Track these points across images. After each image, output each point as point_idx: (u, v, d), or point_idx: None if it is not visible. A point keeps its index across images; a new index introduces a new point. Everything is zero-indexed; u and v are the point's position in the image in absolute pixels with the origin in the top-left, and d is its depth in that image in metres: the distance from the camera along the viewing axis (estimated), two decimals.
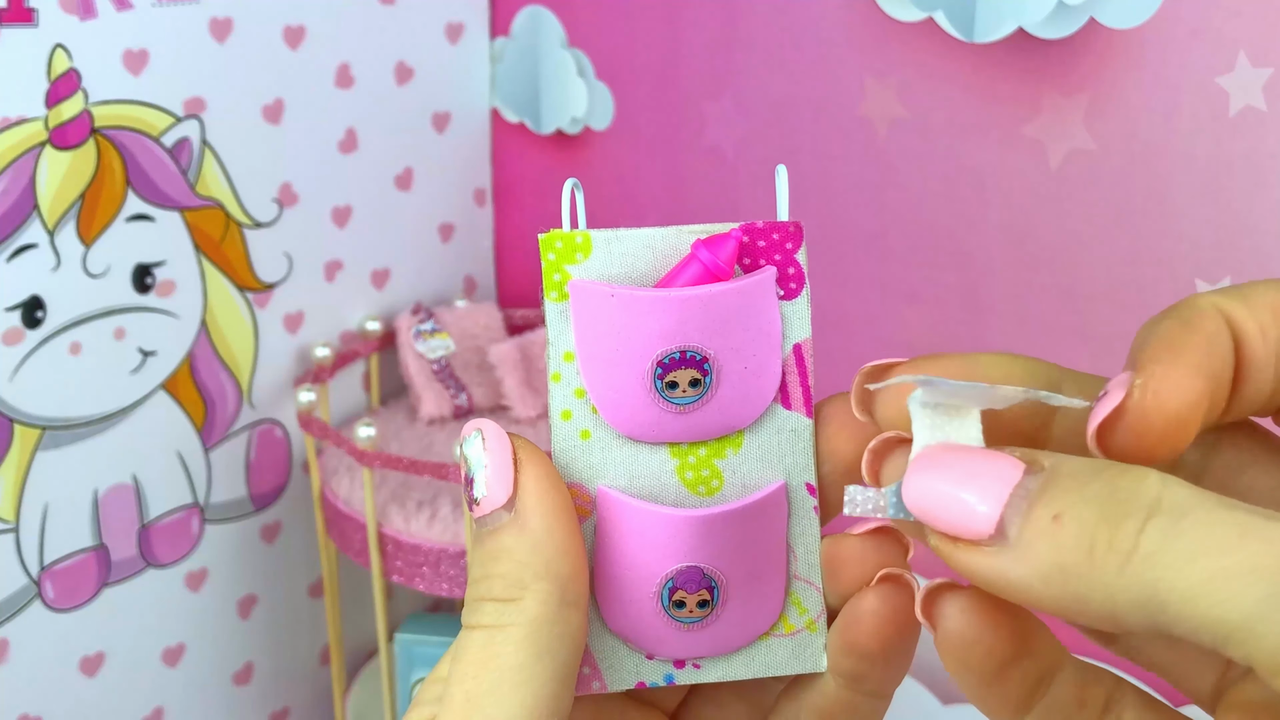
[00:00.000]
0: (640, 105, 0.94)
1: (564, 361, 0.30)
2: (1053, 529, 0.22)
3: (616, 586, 0.30)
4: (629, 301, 0.29)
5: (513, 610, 0.27)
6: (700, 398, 0.29)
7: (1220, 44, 0.67)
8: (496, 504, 0.28)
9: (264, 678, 0.97)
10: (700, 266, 0.29)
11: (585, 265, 0.29)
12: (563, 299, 0.29)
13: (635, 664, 0.31)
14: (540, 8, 0.97)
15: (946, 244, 0.80)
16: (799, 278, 0.30)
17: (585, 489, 0.30)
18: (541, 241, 0.29)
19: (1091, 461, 0.23)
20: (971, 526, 0.23)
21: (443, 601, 1.05)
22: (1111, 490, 0.21)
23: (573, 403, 0.30)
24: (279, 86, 0.87)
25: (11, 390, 0.76)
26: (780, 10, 0.84)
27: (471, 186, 1.04)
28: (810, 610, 0.31)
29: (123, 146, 0.79)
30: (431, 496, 0.85)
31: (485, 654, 0.27)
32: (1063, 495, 0.22)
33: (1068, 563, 0.22)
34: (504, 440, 0.28)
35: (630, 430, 0.30)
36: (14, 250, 0.74)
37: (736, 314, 0.29)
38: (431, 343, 0.96)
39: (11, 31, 0.72)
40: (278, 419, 0.93)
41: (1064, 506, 0.22)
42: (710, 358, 0.29)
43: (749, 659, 0.31)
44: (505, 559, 0.27)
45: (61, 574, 0.81)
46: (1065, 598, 0.22)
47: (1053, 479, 0.23)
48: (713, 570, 0.30)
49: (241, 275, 0.88)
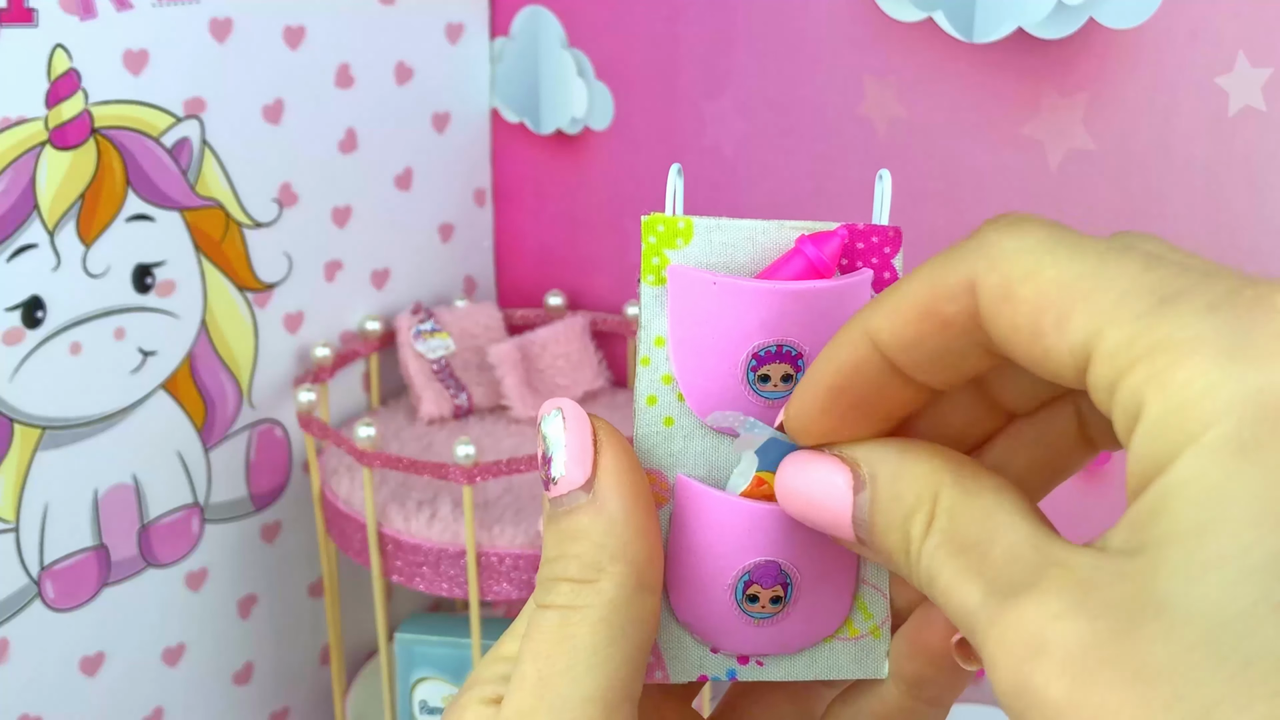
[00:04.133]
0: (640, 105, 0.94)
1: (655, 346, 0.29)
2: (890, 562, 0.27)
3: (689, 576, 0.30)
4: (732, 290, 0.28)
5: (589, 591, 0.27)
6: (790, 393, 0.29)
7: (1220, 44, 0.67)
8: (574, 484, 0.28)
9: (264, 677, 0.97)
10: (805, 261, 0.29)
11: (685, 251, 0.29)
12: (660, 283, 0.29)
13: (700, 656, 0.30)
14: (540, 8, 0.97)
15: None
16: (894, 281, 0.30)
17: (664, 476, 0.30)
18: (644, 224, 0.29)
19: (896, 475, 0.26)
20: (846, 540, 0.28)
21: (443, 601, 1.05)
22: (906, 534, 0.26)
23: (659, 388, 0.30)
24: (279, 86, 0.87)
25: (11, 390, 0.76)
26: (780, 10, 0.84)
27: (471, 186, 1.04)
28: (876, 616, 0.31)
29: (123, 146, 0.79)
30: (431, 496, 0.85)
31: (560, 634, 0.27)
32: (884, 534, 0.26)
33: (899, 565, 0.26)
34: (584, 420, 0.28)
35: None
36: (14, 250, 0.74)
37: (834, 312, 0.29)
38: (431, 343, 0.96)
39: (11, 31, 0.72)
40: (278, 419, 0.93)
41: (889, 546, 0.26)
42: (804, 354, 0.29)
43: (811, 660, 0.31)
44: (582, 539, 0.27)
45: (61, 574, 0.81)
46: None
47: (873, 506, 0.26)
48: (789, 566, 0.29)
49: (241, 275, 0.88)
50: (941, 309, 0.25)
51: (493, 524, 0.82)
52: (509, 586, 0.82)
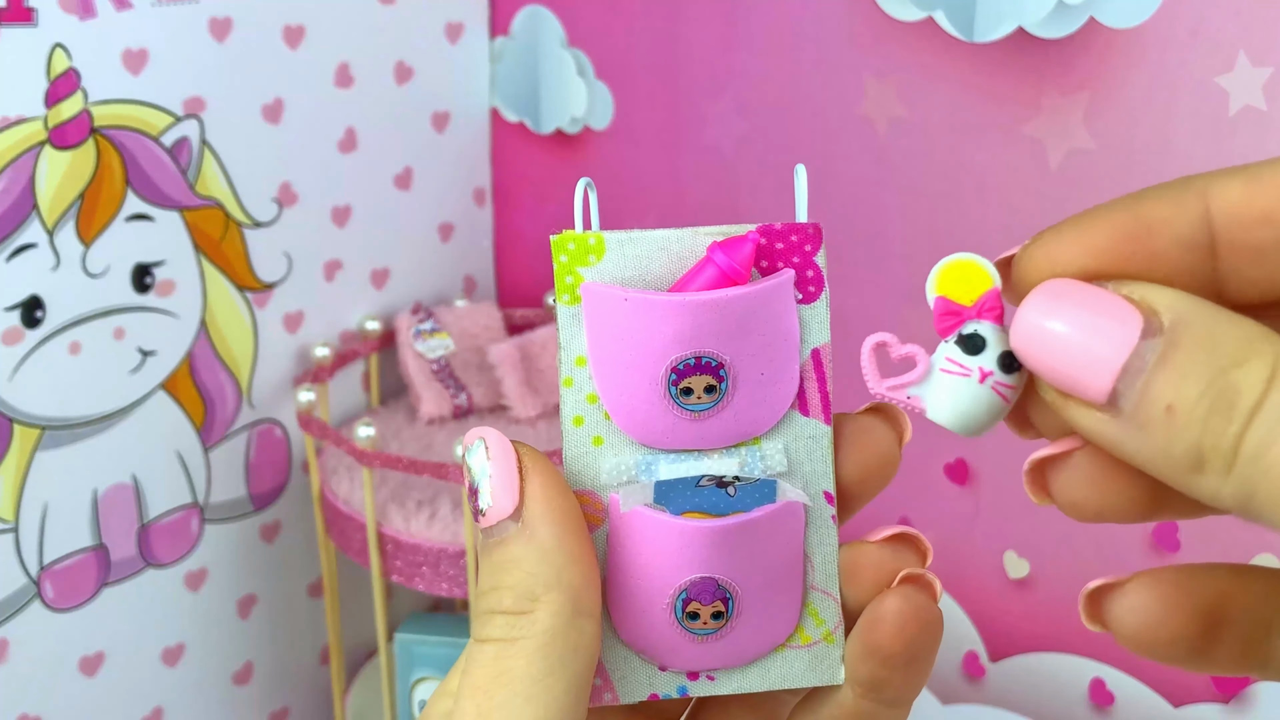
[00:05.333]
0: (640, 105, 0.94)
1: (576, 366, 0.29)
2: (1166, 420, 0.22)
3: (629, 596, 0.29)
4: (642, 306, 0.28)
5: (524, 623, 0.26)
6: (716, 404, 0.29)
7: (1220, 43, 0.67)
8: (503, 514, 0.27)
9: (264, 678, 0.97)
10: (716, 270, 0.28)
11: (598, 268, 0.28)
12: (575, 302, 0.29)
13: (648, 675, 0.30)
14: (540, 7, 0.97)
15: (946, 243, 0.80)
16: (818, 280, 0.29)
17: (597, 497, 0.29)
18: (553, 243, 0.28)
19: (1209, 323, 0.22)
20: (1085, 390, 0.23)
21: (443, 601, 1.04)
22: (1224, 384, 0.21)
23: (585, 408, 0.29)
24: (279, 86, 0.87)
25: (11, 390, 0.76)
26: (780, 10, 0.84)
27: (471, 186, 1.04)
28: (827, 621, 0.30)
29: (122, 146, 0.79)
30: (431, 496, 0.85)
31: (497, 668, 0.26)
32: (1178, 381, 0.21)
33: (1178, 455, 0.22)
34: (507, 448, 0.28)
35: (644, 437, 0.29)
36: (13, 250, 0.74)
37: (753, 318, 0.28)
38: (431, 342, 0.96)
39: (11, 31, 0.72)
40: (277, 419, 0.93)
41: (1177, 397, 0.21)
42: (726, 363, 0.28)
43: (764, 671, 0.30)
44: (514, 570, 0.27)
45: (61, 574, 0.81)
46: (1176, 481, 0.22)
47: (1169, 351, 0.22)
48: (727, 581, 0.29)
49: (241, 275, 0.88)
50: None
51: None
52: None
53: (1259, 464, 0.20)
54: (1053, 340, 0.23)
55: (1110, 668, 0.79)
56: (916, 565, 0.29)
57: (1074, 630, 0.80)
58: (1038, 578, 0.81)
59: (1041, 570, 0.80)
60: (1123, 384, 0.22)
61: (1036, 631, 0.81)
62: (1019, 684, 0.83)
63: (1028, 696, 0.83)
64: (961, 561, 0.83)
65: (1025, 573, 0.81)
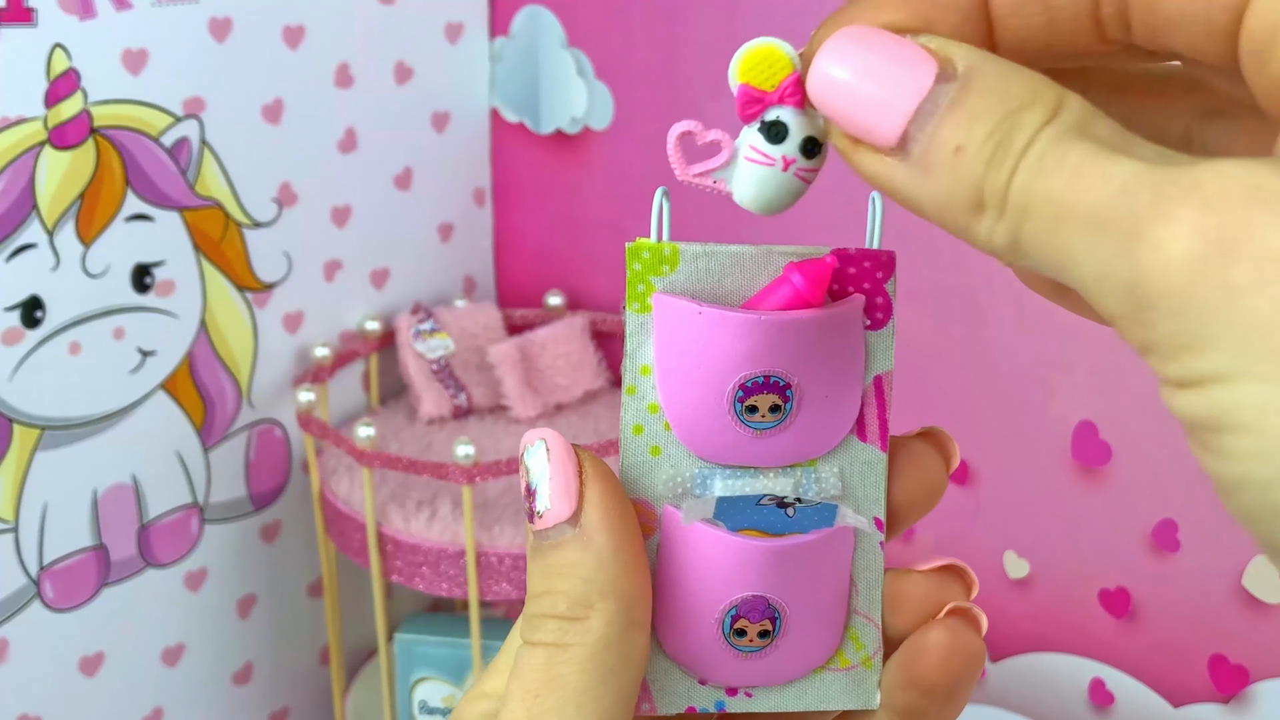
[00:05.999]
0: (640, 105, 0.94)
1: (640, 375, 0.29)
2: (953, 162, 0.22)
3: (676, 609, 0.29)
4: (716, 320, 0.28)
5: (577, 629, 0.26)
6: (779, 424, 0.28)
7: None
8: (560, 518, 0.27)
9: (264, 678, 0.97)
10: (792, 290, 0.28)
11: (671, 278, 0.28)
12: (645, 310, 0.29)
13: (687, 688, 0.30)
14: (540, 8, 0.97)
15: (946, 244, 0.80)
16: (886, 308, 0.29)
17: (651, 507, 0.29)
18: (628, 250, 0.28)
19: (1004, 73, 0.22)
20: (876, 134, 0.23)
21: (442, 601, 1.04)
22: (1009, 125, 0.21)
23: (646, 418, 0.29)
24: (279, 86, 0.87)
25: (11, 390, 0.76)
26: (780, 10, 0.84)
27: (471, 186, 1.04)
28: (867, 646, 0.30)
29: (122, 146, 0.79)
30: (431, 496, 0.85)
31: (548, 674, 0.26)
32: (967, 123, 0.22)
33: (960, 196, 0.22)
34: (568, 452, 0.27)
35: (703, 451, 0.29)
36: (13, 250, 0.74)
37: (823, 342, 0.28)
38: (431, 342, 0.96)
39: (11, 31, 0.72)
40: (277, 419, 0.93)
41: (966, 138, 0.22)
42: (793, 384, 0.28)
43: (802, 691, 0.30)
44: (569, 575, 0.27)
45: (61, 574, 0.81)
46: (954, 228, 0.22)
47: (961, 95, 0.22)
48: (777, 601, 0.29)
49: (241, 275, 0.88)
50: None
51: (492, 524, 0.82)
52: (509, 586, 0.82)
53: (1025, 202, 0.21)
54: (847, 85, 0.23)
55: (1110, 668, 0.79)
56: (962, 598, 0.29)
57: (1074, 630, 0.80)
58: (1038, 578, 0.81)
59: (1041, 570, 0.80)
60: (914, 127, 0.22)
61: (1036, 631, 0.82)
62: (1019, 684, 0.83)
63: (1028, 696, 0.83)
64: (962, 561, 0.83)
65: (1025, 573, 0.81)
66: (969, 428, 0.81)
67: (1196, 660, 0.75)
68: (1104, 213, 0.20)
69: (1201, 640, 0.75)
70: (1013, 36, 0.24)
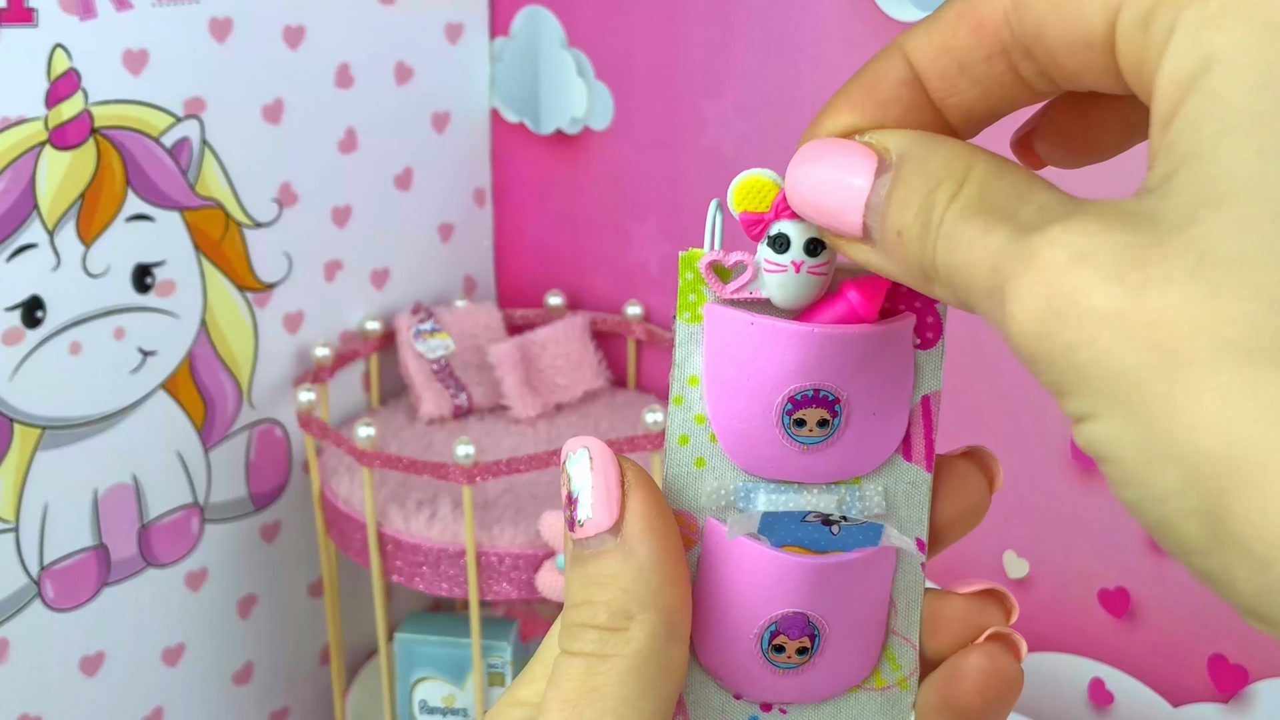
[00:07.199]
0: (640, 105, 0.94)
1: (688, 385, 0.29)
2: (898, 244, 0.24)
3: (715, 622, 0.29)
4: (769, 332, 0.27)
5: (618, 640, 0.26)
6: (826, 439, 0.28)
7: None
8: (601, 527, 0.27)
9: (264, 677, 0.97)
10: (847, 306, 0.28)
11: (723, 288, 0.28)
12: (696, 320, 0.28)
13: (721, 702, 0.30)
14: (540, 8, 0.97)
15: None
16: (936, 328, 0.29)
17: (693, 518, 0.29)
18: (681, 259, 0.28)
19: (926, 153, 0.24)
20: (843, 230, 0.26)
21: (443, 601, 1.05)
22: (928, 205, 0.24)
23: (692, 428, 0.29)
24: (279, 86, 0.87)
25: (11, 390, 0.76)
26: (780, 10, 0.84)
27: (471, 186, 1.04)
28: (904, 667, 0.30)
29: (122, 146, 0.79)
30: (431, 496, 0.85)
31: (588, 684, 0.26)
32: (899, 210, 0.24)
33: (913, 273, 0.25)
34: (611, 461, 0.27)
35: (748, 463, 0.29)
36: (14, 250, 0.74)
37: (874, 358, 0.28)
38: (431, 342, 0.96)
39: (11, 31, 0.72)
40: (277, 419, 0.93)
41: (901, 222, 0.24)
42: (842, 399, 0.28)
43: (836, 710, 0.30)
44: (610, 585, 0.26)
45: (61, 574, 0.81)
46: (926, 293, 0.25)
47: (894, 184, 0.24)
48: (817, 618, 0.29)
49: (241, 275, 0.88)
50: (977, 9, 0.25)
51: (493, 524, 0.82)
52: (509, 586, 0.82)
53: (948, 275, 0.23)
54: (812, 190, 0.26)
55: (1110, 668, 0.79)
56: (1001, 623, 0.29)
57: (1074, 630, 0.80)
58: (1038, 578, 0.81)
59: (1041, 570, 0.80)
60: (869, 219, 0.25)
61: (1036, 631, 0.82)
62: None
63: (1028, 696, 0.83)
64: (961, 561, 0.83)
65: (1025, 572, 0.81)
66: (969, 428, 0.81)
67: (1196, 660, 0.75)
68: (985, 284, 0.22)
69: (1201, 640, 0.75)
70: (957, 111, 0.26)
